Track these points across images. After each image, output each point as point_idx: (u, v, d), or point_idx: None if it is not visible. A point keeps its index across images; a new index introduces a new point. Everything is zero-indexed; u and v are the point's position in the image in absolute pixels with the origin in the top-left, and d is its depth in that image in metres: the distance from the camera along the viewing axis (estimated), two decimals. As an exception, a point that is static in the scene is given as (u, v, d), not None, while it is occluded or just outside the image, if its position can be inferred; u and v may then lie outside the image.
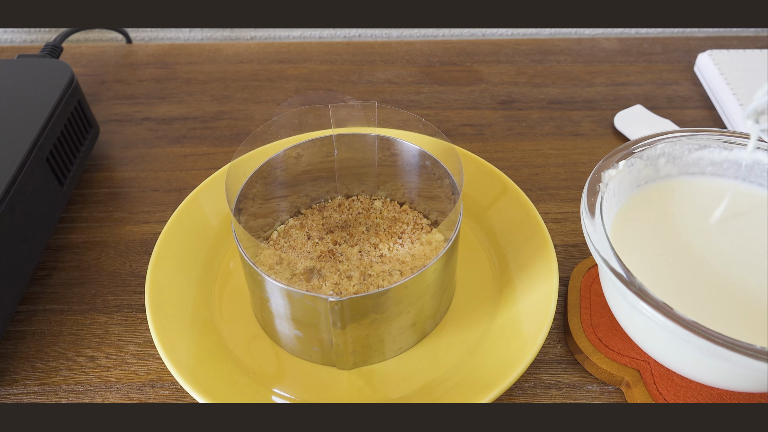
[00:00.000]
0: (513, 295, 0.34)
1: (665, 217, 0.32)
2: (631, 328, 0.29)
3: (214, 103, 0.50)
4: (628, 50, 0.56)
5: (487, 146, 0.46)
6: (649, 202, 0.32)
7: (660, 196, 0.33)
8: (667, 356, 0.28)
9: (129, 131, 0.47)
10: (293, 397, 0.30)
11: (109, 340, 0.34)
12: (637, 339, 0.30)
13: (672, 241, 0.30)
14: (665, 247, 0.30)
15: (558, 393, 0.32)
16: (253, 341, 0.33)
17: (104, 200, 0.42)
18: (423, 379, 0.31)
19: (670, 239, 0.30)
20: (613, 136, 0.47)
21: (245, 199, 0.34)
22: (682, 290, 0.28)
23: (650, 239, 0.31)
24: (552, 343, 0.34)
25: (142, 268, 0.38)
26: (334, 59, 0.55)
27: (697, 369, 0.27)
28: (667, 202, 0.32)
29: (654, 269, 0.29)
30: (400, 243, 0.35)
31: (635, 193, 0.33)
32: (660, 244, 0.30)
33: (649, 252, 0.30)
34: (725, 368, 0.26)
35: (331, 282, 0.31)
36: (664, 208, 0.32)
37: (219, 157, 0.45)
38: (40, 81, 0.40)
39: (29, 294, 0.36)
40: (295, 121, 0.38)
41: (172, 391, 0.32)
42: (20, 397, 0.32)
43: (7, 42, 0.61)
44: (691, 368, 0.28)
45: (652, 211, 0.32)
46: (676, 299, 0.27)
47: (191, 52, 0.56)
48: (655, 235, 0.31)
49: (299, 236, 0.36)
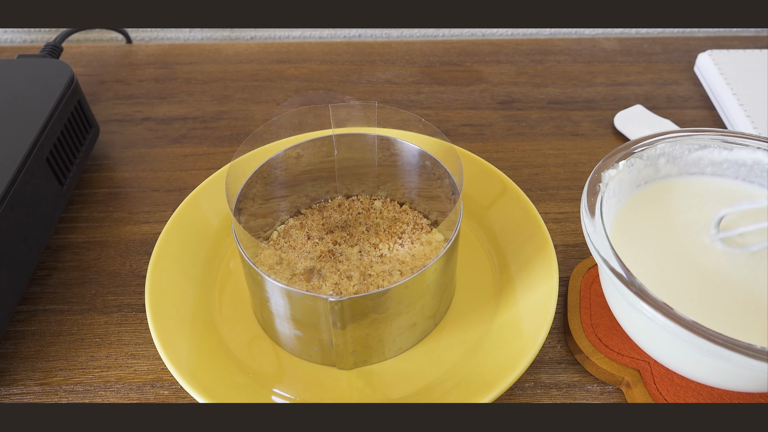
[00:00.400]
0: (513, 295, 0.34)
1: (665, 217, 0.32)
2: (631, 328, 0.29)
3: (214, 103, 0.50)
4: (628, 50, 0.56)
5: (487, 146, 0.46)
6: (649, 202, 0.32)
7: (660, 196, 0.33)
8: (668, 356, 0.28)
9: (129, 131, 0.47)
10: (293, 397, 0.30)
11: (109, 340, 0.34)
12: (637, 339, 0.30)
13: (672, 241, 0.30)
14: (665, 247, 0.30)
15: (558, 393, 0.32)
16: (253, 341, 0.33)
17: (104, 200, 0.42)
18: (423, 379, 0.31)
19: (671, 239, 0.30)
20: (613, 136, 0.47)
21: (245, 199, 0.34)
22: (682, 290, 0.28)
23: (650, 239, 0.31)
24: (552, 343, 0.34)
25: (142, 268, 0.38)
26: (334, 59, 0.55)
27: (697, 369, 0.27)
28: (667, 202, 0.32)
29: (654, 269, 0.29)
30: (400, 243, 0.35)
31: (635, 193, 0.33)
32: (660, 244, 0.30)
33: (650, 252, 0.30)
34: (725, 368, 0.26)
35: (331, 282, 0.31)
36: (664, 208, 0.32)
37: (219, 157, 0.45)
38: (40, 81, 0.40)
39: (29, 294, 0.36)
40: (295, 121, 0.38)
41: (172, 391, 0.32)
42: (20, 397, 0.32)
43: (7, 42, 0.61)
44: (691, 368, 0.28)
45: (653, 211, 0.32)
46: (676, 299, 0.27)
47: (191, 52, 0.56)
48: (655, 235, 0.31)
49: (299, 236, 0.36)
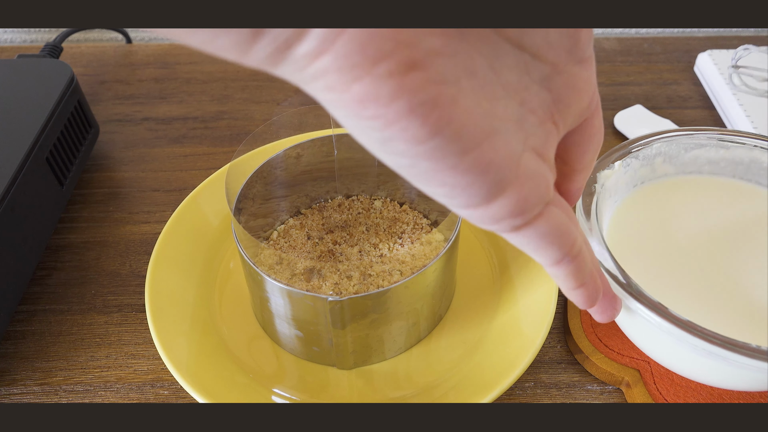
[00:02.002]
0: (513, 295, 0.34)
1: (662, 217, 0.32)
2: (629, 329, 0.29)
3: (214, 103, 0.50)
4: (628, 50, 0.56)
5: (487, 146, 0.46)
6: (646, 202, 0.32)
7: (657, 196, 0.33)
8: (666, 356, 0.28)
9: (129, 131, 0.47)
10: (293, 397, 0.30)
11: (109, 340, 0.34)
12: (635, 340, 0.30)
13: (669, 241, 0.30)
14: (662, 247, 0.30)
15: (558, 393, 0.32)
16: (253, 341, 0.33)
17: (104, 200, 0.42)
18: (423, 379, 0.31)
19: (667, 239, 0.30)
20: (613, 136, 0.47)
21: (245, 199, 0.34)
22: (679, 290, 0.28)
23: (647, 239, 0.31)
24: (552, 343, 0.34)
25: (142, 268, 0.38)
26: (334, 59, 0.55)
27: (695, 369, 0.27)
28: (664, 201, 0.32)
29: (651, 269, 0.29)
30: (400, 243, 0.35)
31: (632, 193, 0.33)
32: (657, 244, 0.30)
33: (646, 252, 0.30)
34: (723, 368, 0.26)
35: (331, 282, 0.31)
36: (661, 207, 0.32)
37: (219, 157, 0.45)
38: (40, 81, 0.40)
39: (29, 294, 0.36)
40: (295, 121, 0.38)
41: (172, 391, 0.32)
42: (20, 397, 0.32)
43: (7, 42, 0.61)
44: (689, 368, 0.28)
45: (649, 210, 0.32)
46: (673, 299, 0.27)
47: (191, 52, 0.56)
48: (651, 235, 0.31)
49: (299, 236, 0.36)
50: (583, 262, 0.21)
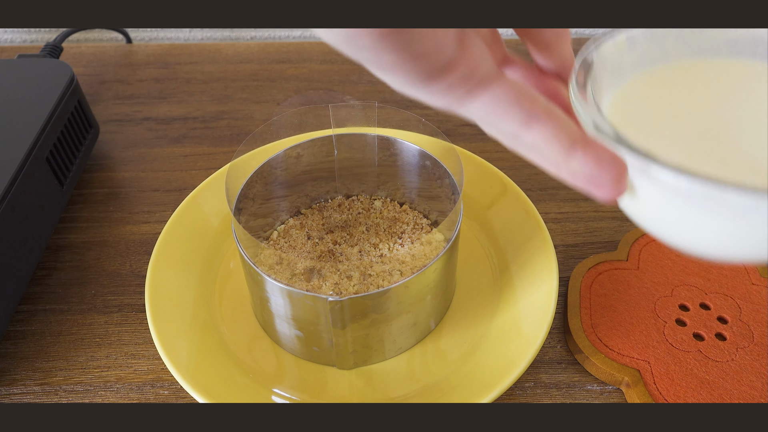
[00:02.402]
0: (513, 295, 0.34)
1: (671, 102, 0.27)
2: (633, 205, 0.25)
3: (214, 103, 0.50)
4: None
5: (487, 146, 0.46)
6: (653, 86, 0.28)
7: (667, 79, 0.28)
8: (666, 224, 0.24)
9: (129, 131, 0.47)
10: (293, 397, 0.30)
11: (109, 340, 0.34)
12: (639, 214, 0.25)
13: (678, 126, 0.26)
14: (670, 131, 0.26)
15: (558, 393, 0.32)
16: (253, 341, 0.33)
17: (104, 200, 0.42)
18: (423, 379, 0.31)
19: (676, 123, 0.26)
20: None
21: (245, 199, 0.34)
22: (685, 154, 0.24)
23: (653, 123, 0.26)
24: (552, 343, 0.34)
25: (142, 268, 0.38)
26: (334, 59, 0.55)
27: (698, 232, 0.23)
28: (673, 85, 0.28)
29: (656, 146, 0.24)
30: (400, 243, 0.35)
31: (638, 74, 0.28)
32: (664, 129, 0.26)
33: (652, 134, 0.25)
34: (723, 225, 0.22)
35: (331, 282, 0.31)
36: (670, 92, 0.28)
37: (219, 157, 0.45)
38: (40, 81, 0.40)
39: (29, 294, 0.36)
40: (295, 121, 0.38)
41: (172, 391, 0.32)
42: (20, 397, 0.32)
43: (7, 42, 0.61)
44: (691, 232, 0.23)
45: (657, 95, 0.28)
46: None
47: (191, 52, 0.56)
48: (658, 118, 0.26)
49: (299, 236, 0.36)
50: (559, 120, 0.20)
